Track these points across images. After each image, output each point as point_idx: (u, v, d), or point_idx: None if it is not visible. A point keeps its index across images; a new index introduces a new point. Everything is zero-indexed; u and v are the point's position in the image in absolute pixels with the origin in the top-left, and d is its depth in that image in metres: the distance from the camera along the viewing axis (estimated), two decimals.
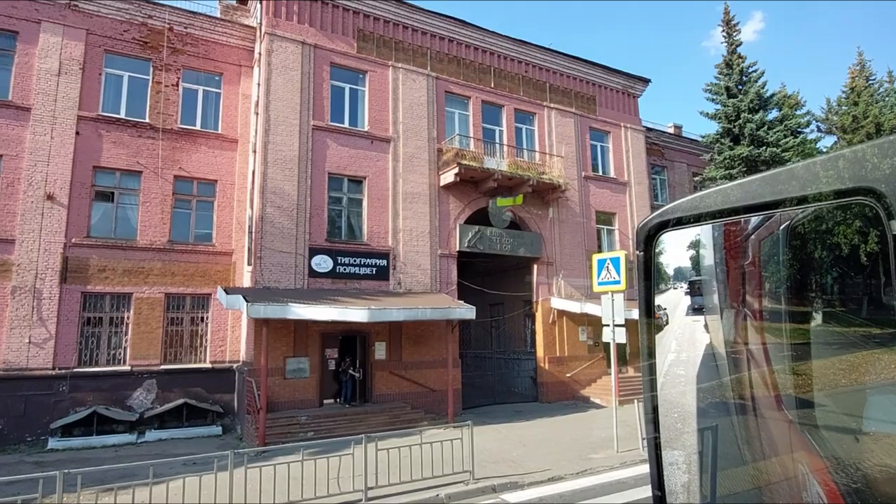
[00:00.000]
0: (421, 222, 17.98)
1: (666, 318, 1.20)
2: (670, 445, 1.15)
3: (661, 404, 1.16)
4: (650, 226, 1.16)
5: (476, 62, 20.40)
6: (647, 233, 1.16)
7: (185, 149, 16.92)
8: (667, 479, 1.13)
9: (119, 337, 15.58)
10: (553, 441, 13.31)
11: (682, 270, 1.20)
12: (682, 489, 1.12)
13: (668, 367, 1.17)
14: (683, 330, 1.18)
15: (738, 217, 1.02)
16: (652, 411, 1.16)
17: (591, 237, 21.85)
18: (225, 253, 17.03)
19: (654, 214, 1.16)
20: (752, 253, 1.03)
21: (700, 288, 1.16)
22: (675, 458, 1.14)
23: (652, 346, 1.18)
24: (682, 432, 1.13)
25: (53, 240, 14.88)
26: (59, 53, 15.60)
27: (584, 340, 20.82)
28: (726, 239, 1.08)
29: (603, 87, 23.67)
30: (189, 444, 13.77)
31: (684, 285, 1.19)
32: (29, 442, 13.82)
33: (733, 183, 1.01)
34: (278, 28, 16.75)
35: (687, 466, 1.12)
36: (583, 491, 9.40)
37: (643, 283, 1.19)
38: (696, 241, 1.13)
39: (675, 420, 1.15)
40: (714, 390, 1.13)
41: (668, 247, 1.18)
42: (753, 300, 1.04)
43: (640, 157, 24.05)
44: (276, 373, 14.71)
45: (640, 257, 1.19)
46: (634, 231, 1.21)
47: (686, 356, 1.17)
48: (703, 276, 1.15)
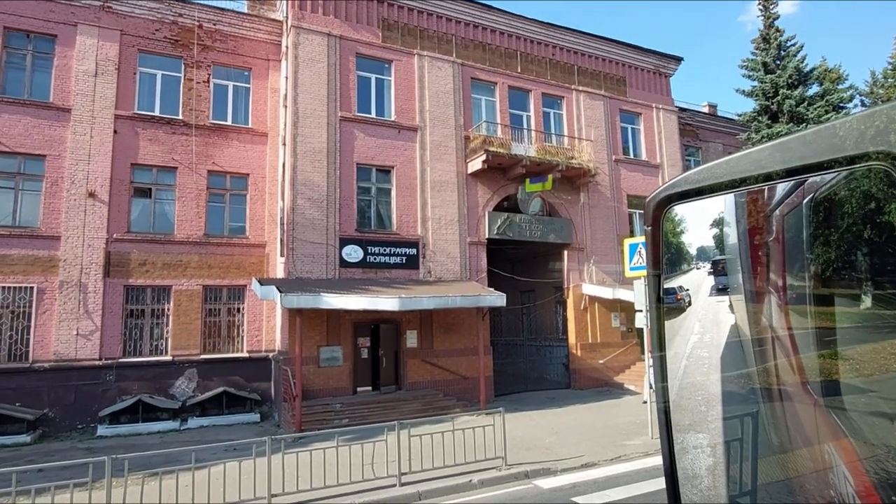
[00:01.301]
0: (449, 210, 17.98)
1: (688, 299, 1.17)
2: (694, 428, 1.13)
3: (686, 387, 1.14)
4: (658, 199, 1.12)
5: (502, 47, 20.15)
6: (655, 206, 1.13)
7: (217, 144, 17.29)
8: (692, 462, 1.11)
9: (160, 328, 16.13)
10: (586, 428, 13.23)
11: (705, 249, 1.16)
12: (707, 472, 1.10)
13: (691, 350, 1.14)
14: (707, 311, 1.15)
15: (748, 188, 0.98)
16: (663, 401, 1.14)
17: (623, 222, 21.47)
18: (258, 245, 17.39)
19: (662, 187, 1.13)
20: (776, 229, 0.99)
21: (724, 267, 1.13)
22: (699, 441, 1.12)
23: (662, 333, 1.15)
24: (707, 414, 1.11)
25: (96, 235, 15.46)
26: (96, 54, 16.07)
27: (617, 326, 20.56)
28: (749, 215, 1.04)
29: (633, 67, 23.09)
30: (229, 430, 14.22)
31: (707, 265, 1.15)
32: (79, 429, 14.49)
33: (742, 152, 0.98)
34: (304, 21, 16.87)
35: (712, 450, 1.10)
36: (616, 477, 9.34)
37: (651, 260, 1.16)
38: (720, 218, 1.10)
39: (699, 403, 1.13)
40: (743, 375, 1.10)
41: (689, 224, 1.15)
42: (779, 280, 1.00)
43: (672, 139, 23.44)
44: (310, 361, 15.01)
45: (647, 233, 1.16)
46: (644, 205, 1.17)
47: (710, 338, 1.14)
48: (727, 254, 1.11)
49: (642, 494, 8.32)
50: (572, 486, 8.94)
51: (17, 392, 14.13)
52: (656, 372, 1.15)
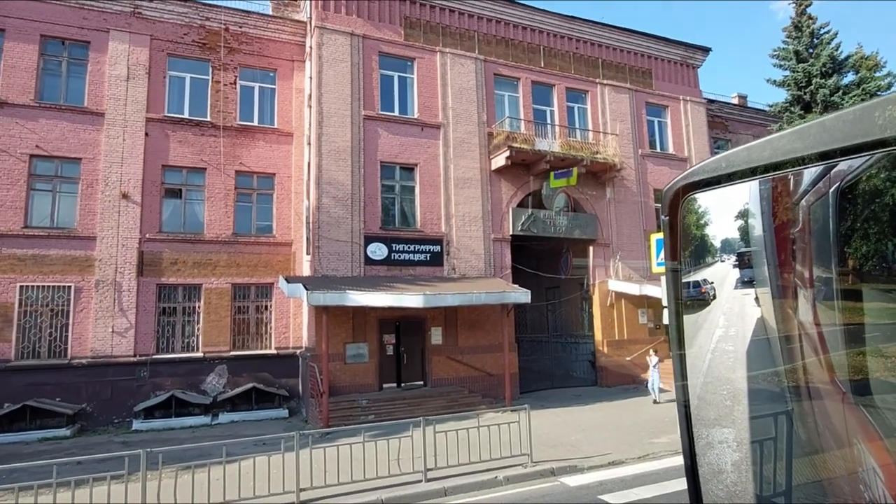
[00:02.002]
0: (473, 207, 17.96)
1: (713, 292, 1.15)
2: (720, 423, 1.11)
3: (711, 381, 1.12)
4: (676, 188, 1.10)
5: (525, 42, 20.01)
6: (673, 195, 1.11)
7: (244, 144, 17.59)
8: (717, 457, 1.09)
9: (192, 325, 16.52)
10: (613, 425, 13.10)
11: (730, 241, 1.14)
12: (733, 468, 1.08)
13: (715, 343, 1.12)
14: (732, 304, 1.13)
15: (768, 175, 0.96)
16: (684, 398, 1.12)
17: (650, 217, 21.13)
18: (285, 243, 17.66)
19: (679, 176, 1.11)
20: (801, 219, 0.97)
21: (749, 259, 1.10)
22: (725, 436, 1.10)
23: (681, 328, 1.13)
24: (733, 409, 1.09)
25: (130, 235, 15.90)
26: (127, 59, 16.51)
27: (645, 323, 20.27)
28: (774, 205, 1.01)
29: (659, 59, 22.69)
30: (258, 425, 14.50)
31: (732, 257, 1.13)
32: (116, 423, 14.95)
33: (763, 139, 0.95)
34: (327, 21, 17.02)
35: (738, 445, 1.08)
36: (644, 475, 9.22)
37: (669, 251, 1.14)
38: (745, 209, 1.08)
39: (725, 397, 1.11)
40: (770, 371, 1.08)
41: (712, 215, 1.13)
42: (806, 272, 0.98)
43: (700, 131, 22.97)
44: (336, 358, 15.19)
45: (665, 223, 1.14)
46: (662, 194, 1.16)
47: (735, 331, 1.12)
48: (753, 246, 1.09)
49: (671, 493, 8.20)
50: (599, 484, 8.87)
51: (57, 387, 14.66)
52: (676, 369, 1.14)
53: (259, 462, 8.24)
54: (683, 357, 1.12)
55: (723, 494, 1.07)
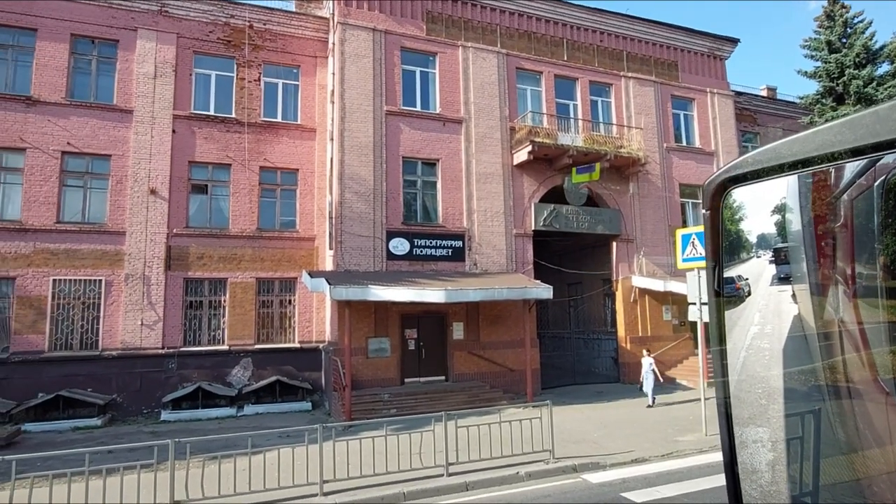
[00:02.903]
0: (495, 202, 17.89)
1: (748, 288, 1.12)
2: (754, 422, 1.08)
3: (745, 379, 1.10)
4: (717, 182, 1.08)
5: (548, 35, 19.81)
6: (714, 189, 1.08)
7: (268, 140, 17.80)
8: (751, 456, 1.07)
9: (217, 319, 16.83)
10: (636, 423, 12.96)
11: (767, 237, 1.11)
12: (767, 468, 1.06)
13: (750, 341, 1.10)
14: (768, 301, 1.10)
15: (814, 168, 0.93)
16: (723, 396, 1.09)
17: (675, 212, 20.79)
18: (308, 238, 17.84)
19: (721, 169, 1.08)
20: (843, 214, 0.94)
21: (786, 255, 1.07)
22: (759, 435, 1.07)
23: (722, 327, 1.11)
24: (768, 408, 1.07)
25: (157, 230, 16.25)
26: (154, 57, 16.82)
27: (669, 320, 19.99)
28: (814, 199, 0.98)
29: (686, 51, 22.25)
30: (282, 418, 14.72)
31: (768, 253, 1.10)
32: (145, 414, 15.34)
33: (808, 131, 0.92)
34: (350, 17, 17.09)
35: (773, 444, 1.06)
36: (668, 474, 9.11)
37: (709, 248, 1.12)
38: (782, 204, 1.05)
39: (760, 396, 1.08)
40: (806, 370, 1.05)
41: (748, 210, 1.10)
42: (847, 269, 0.95)
43: (728, 124, 22.48)
44: (359, 352, 15.32)
45: (706, 217, 1.11)
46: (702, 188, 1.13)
47: (771, 329, 1.09)
48: (791, 241, 1.06)
49: (696, 492, 8.09)
50: (622, 482, 8.79)
51: (89, 378, 15.08)
52: (716, 367, 1.11)
53: (283, 454, 8.37)
54: (724, 354, 1.09)
55: (757, 494, 1.05)
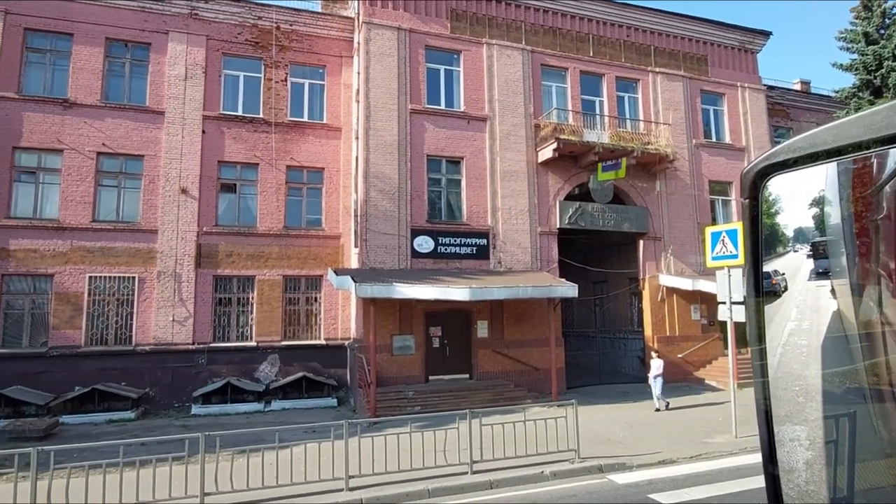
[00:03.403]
0: (519, 200, 17.80)
1: (784, 283, 1.09)
2: (790, 420, 1.05)
3: (781, 376, 1.07)
4: (757, 169, 1.04)
5: (573, 31, 19.59)
6: (754, 178, 1.05)
7: (294, 140, 18.04)
8: (787, 455, 1.04)
9: (246, 315, 17.14)
10: (663, 423, 12.76)
11: (804, 231, 1.08)
12: (805, 466, 1.03)
13: (787, 337, 1.07)
14: (805, 296, 1.07)
15: (859, 154, 0.89)
16: (763, 400, 1.07)
17: (704, 209, 20.38)
18: (334, 236, 18.03)
19: (761, 156, 1.05)
20: (887, 206, 0.90)
21: (825, 249, 1.04)
22: (796, 433, 1.04)
23: (761, 326, 1.08)
24: (805, 406, 1.03)
25: (188, 229, 16.62)
26: (185, 60, 17.20)
27: (698, 319, 19.61)
28: (855, 191, 0.95)
29: (715, 45, 21.77)
30: (308, 413, 14.90)
31: (806, 247, 1.07)
32: (176, 408, 15.71)
33: (854, 116, 0.89)
34: (374, 16, 17.18)
35: (810, 443, 1.03)
36: (697, 476, 8.95)
37: (749, 239, 1.09)
38: (821, 196, 1.01)
39: (797, 394, 1.05)
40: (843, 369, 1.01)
41: (784, 203, 1.07)
42: (890, 264, 0.91)
43: (760, 119, 21.93)
44: (383, 349, 15.42)
45: (744, 206, 1.08)
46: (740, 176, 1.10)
47: (809, 325, 1.05)
48: (829, 235, 1.02)
49: (726, 495, 7.92)
50: (649, 483, 8.66)
51: (123, 372, 15.53)
52: (755, 367, 1.08)
53: (310, 449, 8.48)
54: (764, 354, 1.06)
55: (794, 494, 1.02)
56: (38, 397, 14.32)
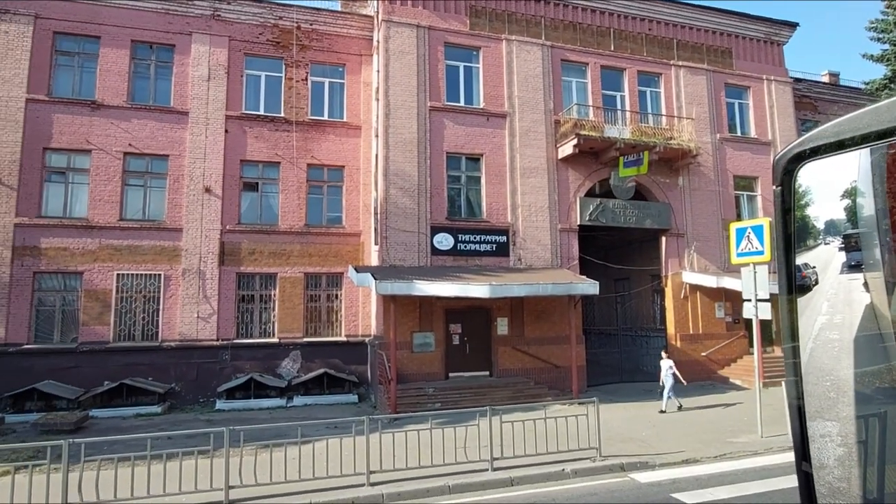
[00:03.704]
0: (539, 197, 17.70)
1: (815, 277, 1.07)
2: (821, 416, 1.03)
3: (811, 371, 1.04)
4: (789, 155, 1.02)
5: (594, 25, 19.38)
6: (786, 164, 1.03)
7: (315, 138, 18.20)
8: (818, 451, 1.02)
9: (268, 312, 17.37)
10: (686, 422, 12.59)
11: (835, 223, 1.05)
12: (836, 463, 1.01)
13: (818, 332, 1.04)
14: (837, 290, 1.04)
15: None
16: (796, 397, 1.04)
17: (729, 205, 20.01)
18: (354, 234, 18.16)
19: (794, 143, 1.02)
20: None
21: (857, 241, 1.01)
22: (827, 429, 1.02)
23: (794, 323, 1.05)
24: (837, 402, 1.01)
25: (212, 227, 16.89)
26: (208, 60, 17.46)
27: (722, 317, 19.29)
28: (890, 180, 0.92)
29: (740, 37, 21.32)
30: (330, 409, 15.05)
31: (837, 240, 1.04)
32: (201, 402, 16.00)
33: (892, 99, 0.86)
34: (394, 14, 17.21)
35: (843, 439, 1.01)
36: (721, 475, 8.81)
37: (780, 229, 1.06)
38: (853, 187, 0.99)
39: (828, 389, 1.03)
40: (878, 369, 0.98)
41: (815, 195, 1.04)
42: None
43: (786, 113, 21.43)
44: (403, 346, 15.49)
45: (777, 193, 1.06)
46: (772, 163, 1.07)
47: (840, 319, 1.03)
48: (862, 227, 0.99)
49: (751, 495, 7.80)
50: (672, 482, 8.56)
51: (150, 368, 15.87)
52: (787, 364, 1.06)
53: (332, 444, 8.56)
54: (797, 351, 1.04)
55: (825, 492, 1.00)
56: (68, 391, 14.72)
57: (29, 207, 15.76)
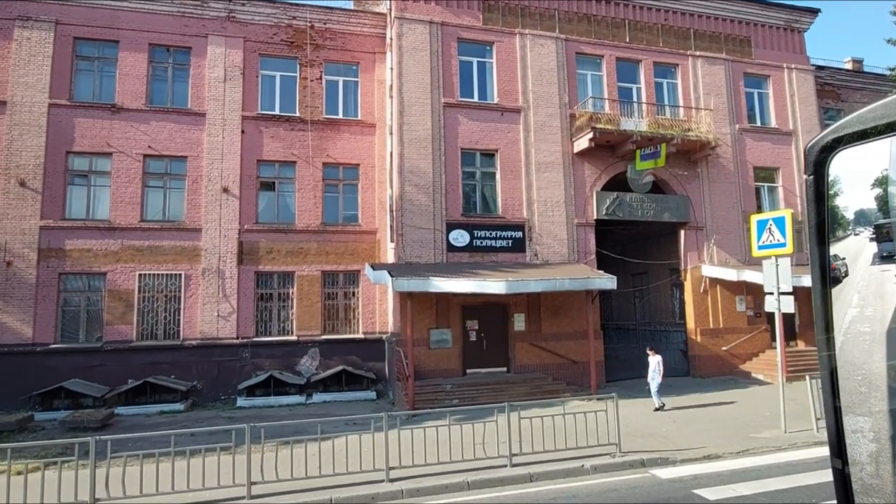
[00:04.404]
0: (555, 192, 17.58)
1: (844, 268, 1.04)
2: (853, 411, 1.00)
3: (842, 366, 1.02)
4: (823, 143, 0.99)
5: (608, 17, 19.15)
6: (819, 151, 1.00)
7: (330, 137, 18.28)
8: (850, 447, 1.00)
9: (286, 310, 17.53)
10: (708, 417, 12.44)
11: (866, 213, 1.02)
12: (869, 459, 0.98)
13: (848, 325, 1.01)
14: (868, 281, 1.01)
15: None
16: (831, 391, 1.02)
17: (749, 197, 19.69)
18: (370, 232, 18.22)
19: (827, 130, 1.00)
20: None
21: (889, 232, 0.98)
22: (859, 425, 0.99)
23: (829, 316, 1.02)
24: (869, 396, 0.98)
25: (230, 227, 17.08)
26: (224, 62, 17.63)
27: (743, 311, 19.00)
28: None
29: (759, 25, 20.92)
30: (348, 406, 15.17)
31: (868, 230, 1.01)
32: (222, 400, 16.23)
33: None
34: (406, 11, 17.20)
35: (875, 435, 0.98)
36: (744, 471, 8.70)
37: (813, 218, 1.03)
38: (884, 176, 0.96)
39: (859, 383, 1.00)
40: None
41: (844, 184, 1.01)
42: None
43: (808, 101, 20.99)
44: (421, 343, 15.52)
45: (808, 183, 1.03)
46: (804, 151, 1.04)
47: (872, 311, 1.00)
48: (894, 216, 0.96)
49: (774, 492, 7.68)
50: (693, 478, 8.47)
51: (172, 366, 16.13)
52: (822, 359, 1.03)
53: (351, 440, 8.64)
54: (832, 344, 1.02)
55: (858, 489, 0.98)
56: (94, 389, 15.03)
57: (53, 210, 16.10)
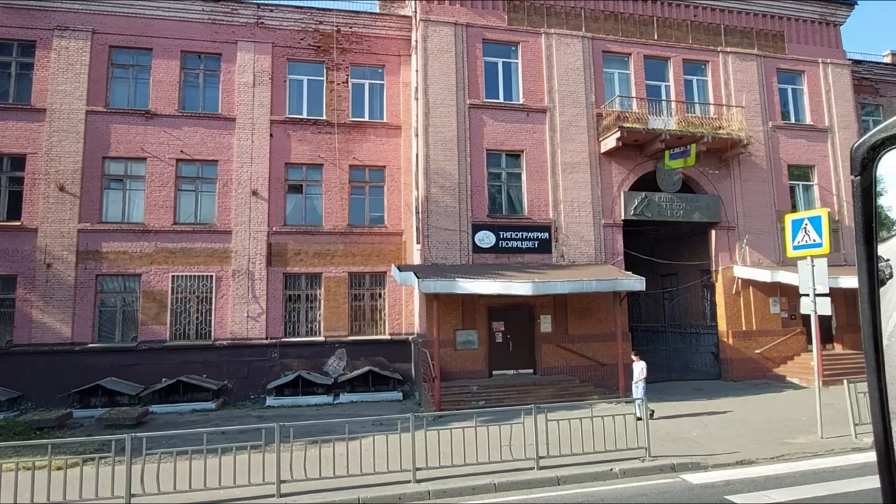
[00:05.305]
0: (582, 192, 17.40)
1: (890, 270, 1.01)
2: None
3: (887, 370, 0.98)
4: (871, 142, 0.96)
5: (636, 14, 18.88)
6: (867, 151, 0.97)
7: (356, 140, 18.47)
8: None
9: (314, 311, 17.75)
10: (740, 422, 12.14)
11: None
12: None
13: (893, 328, 0.98)
14: None
15: None
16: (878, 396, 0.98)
17: (783, 195, 19.16)
18: (396, 233, 18.33)
19: (875, 129, 0.96)
20: None
21: None
22: None
23: (876, 319, 0.99)
24: None
25: (259, 229, 17.40)
26: (253, 67, 17.97)
27: (777, 313, 18.48)
28: None
29: (793, 19, 20.35)
30: (375, 406, 15.27)
31: None
32: (252, 399, 16.52)
33: None
34: (431, 13, 17.26)
35: None
36: (778, 478, 8.46)
37: (861, 221, 1.00)
38: None
39: None
40: None
41: (888, 183, 0.98)
42: None
43: (844, 97, 20.33)
44: (447, 344, 15.54)
45: (855, 184, 1.00)
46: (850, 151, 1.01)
47: None
48: None
49: (812, 498, 7.45)
50: (725, 484, 8.28)
51: (204, 365, 16.50)
52: (869, 362, 1.00)
53: (378, 441, 8.69)
54: (879, 348, 0.98)
55: None
56: (130, 388, 15.47)
57: (91, 213, 16.64)
